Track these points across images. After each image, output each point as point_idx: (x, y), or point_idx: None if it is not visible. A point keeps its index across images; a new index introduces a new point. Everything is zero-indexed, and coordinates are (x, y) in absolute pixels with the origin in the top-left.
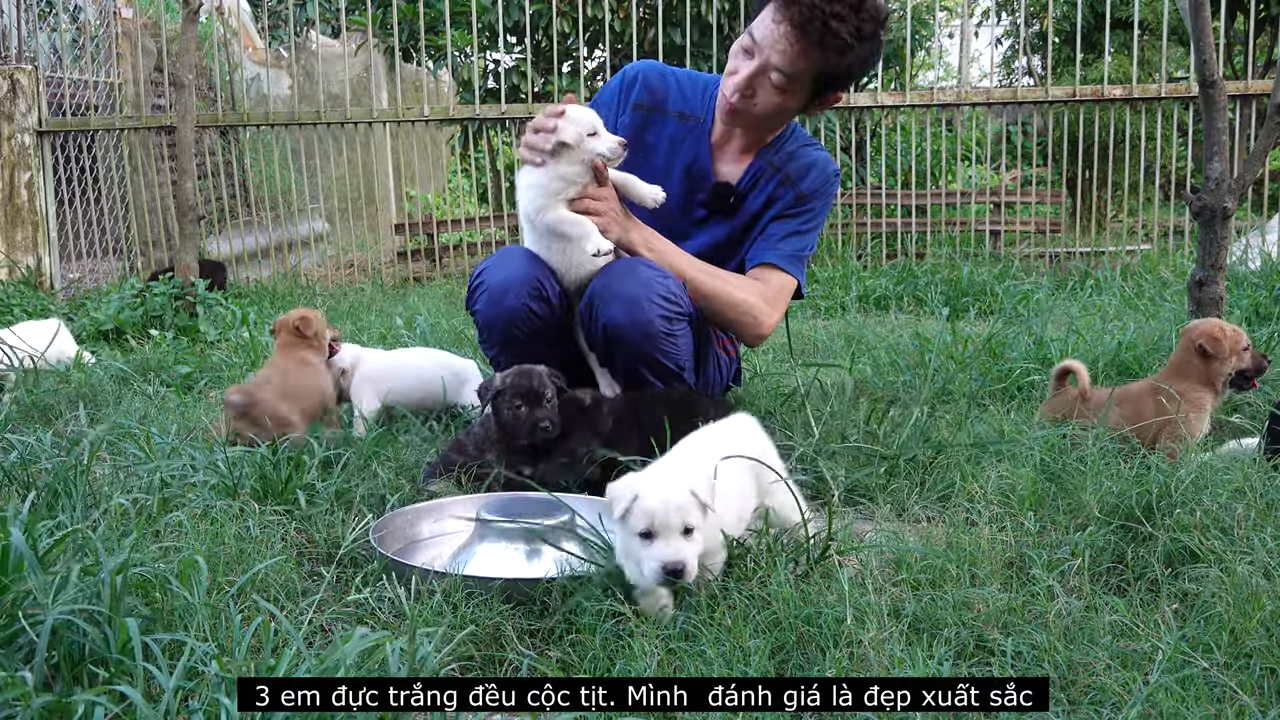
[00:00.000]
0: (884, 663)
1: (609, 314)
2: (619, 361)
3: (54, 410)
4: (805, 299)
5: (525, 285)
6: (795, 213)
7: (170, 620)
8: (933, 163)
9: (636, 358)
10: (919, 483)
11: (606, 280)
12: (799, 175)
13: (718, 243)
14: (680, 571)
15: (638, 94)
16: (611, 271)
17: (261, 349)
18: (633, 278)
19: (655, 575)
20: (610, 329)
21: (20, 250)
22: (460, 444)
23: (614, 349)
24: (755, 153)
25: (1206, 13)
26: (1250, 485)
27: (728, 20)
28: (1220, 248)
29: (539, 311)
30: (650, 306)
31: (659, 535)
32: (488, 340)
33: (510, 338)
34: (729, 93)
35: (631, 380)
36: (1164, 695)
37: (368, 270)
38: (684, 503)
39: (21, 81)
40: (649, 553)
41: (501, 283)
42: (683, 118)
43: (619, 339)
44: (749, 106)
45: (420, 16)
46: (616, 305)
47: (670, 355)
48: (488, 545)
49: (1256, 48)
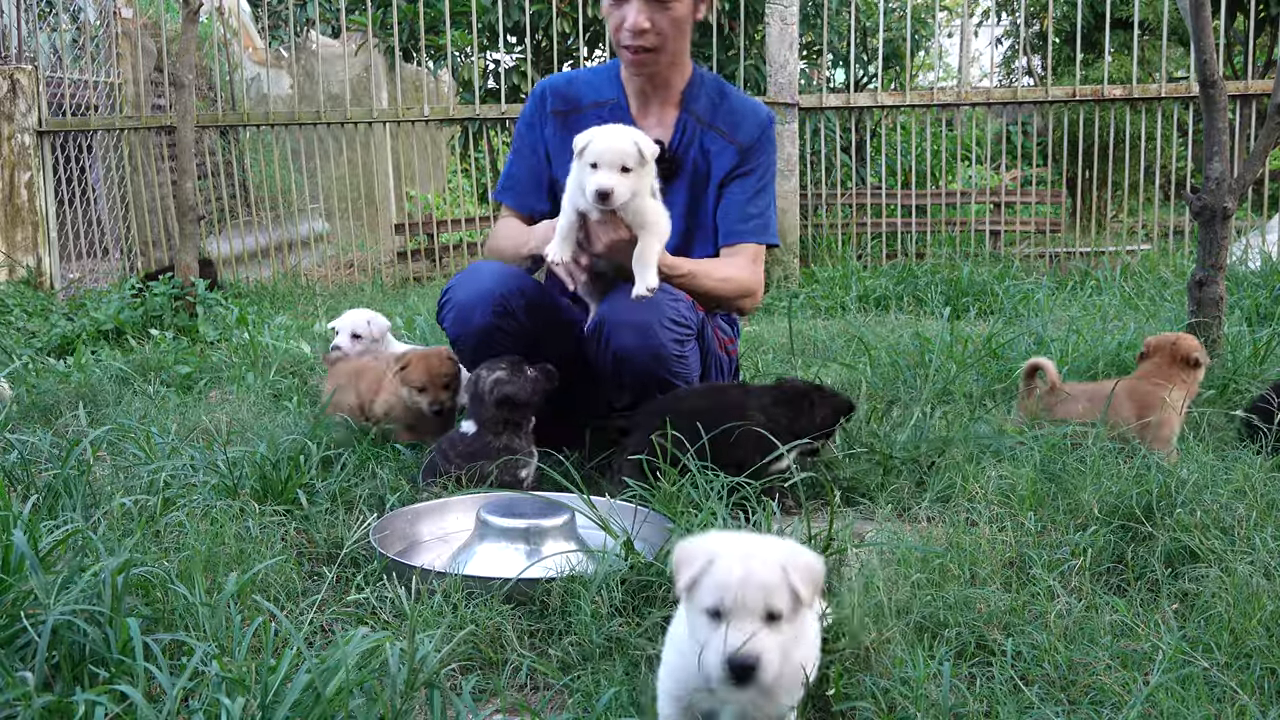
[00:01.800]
0: (885, 663)
1: (620, 341)
2: (627, 382)
3: (54, 410)
4: (805, 299)
5: (490, 303)
6: (745, 171)
7: (171, 620)
8: (933, 163)
9: (647, 380)
10: (919, 483)
11: (615, 305)
12: (731, 127)
13: (683, 215)
14: (753, 668)
15: (552, 103)
16: (620, 296)
17: (261, 349)
18: (645, 305)
19: (717, 670)
20: (621, 355)
21: (20, 250)
22: (444, 451)
23: (624, 373)
24: (676, 110)
25: (1207, 12)
26: (1251, 485)
27: (728, 20)
28: (1220, 248)
29: (505, 328)
30: (662, 332)
31: (732, 617)
32: (462, 355)
33: (482, 355)
34: (628, 42)
35: (639, 397)
36: (1164, 695)
37: (368, 270)
38: (772, 581)
39: (21, 81)
40: (714, 640)
41: (467, 301)
42: (599, 105)
43: (630, 364)
44: (654, 42)
45: (420, 16)
46: (628, 332)
47: (680, 375)
48: (488, 545)
49: (1256, 48)
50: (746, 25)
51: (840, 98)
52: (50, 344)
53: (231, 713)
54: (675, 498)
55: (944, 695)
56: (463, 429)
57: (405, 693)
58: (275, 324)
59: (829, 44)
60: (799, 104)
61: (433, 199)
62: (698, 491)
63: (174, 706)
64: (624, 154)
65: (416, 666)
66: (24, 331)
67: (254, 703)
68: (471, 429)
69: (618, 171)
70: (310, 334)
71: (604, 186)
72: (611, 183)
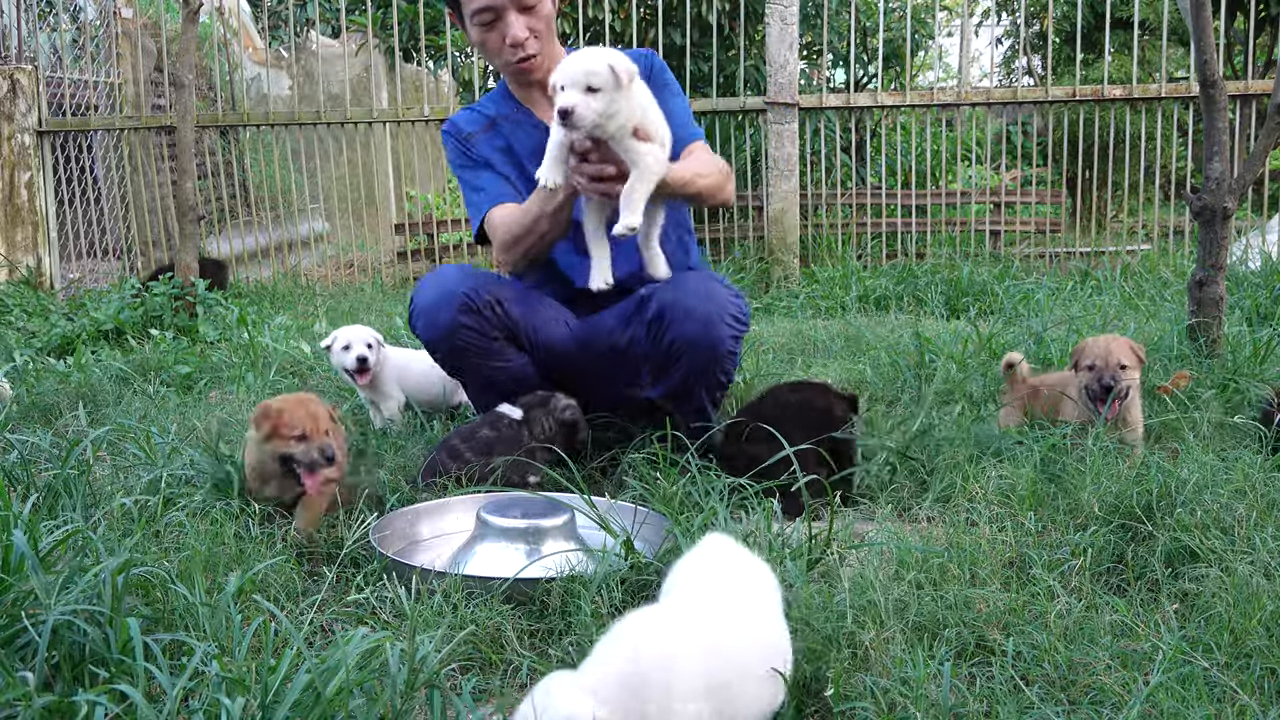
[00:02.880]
0: (885, 663)
1: (681, 330)
2: (677, 376)
3: (54, 410)
4: (805, 299)
5: (454, 302)
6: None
7: (171, 620)
8: (933, 163)
9: (698, 375)
10: (919, 483)
11: (679, 295)
12: None
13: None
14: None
15: (468, 129)
16: (685, 286)
17: (261, 349)
18: (709, 297)
19: None
20: (680, 344)
21: (20, 250)
22: (455, 449)
23: (677, 364)
24: None
25: (1207, 12)
26: (1251, 485)
27: (728, 21)
28: (1220, 248)
29: (470, 324)
30: (723, 327)
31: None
32: (438, 358)
33: (455, 353)
34: (512, 57)
35: (679, 395)
36: (1164, 695)
37: (368, 270)
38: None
39: (21, 81)
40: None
41: (433, 303)
42: (506, 118)
43: (688, 354)
44: (535, 47)
45: (420, 16)
46: (691, 323)
47: (728, 374)
48: (488, 545)
49: (1256, 48)
50: (746, 25)
51: (840, 98)
52: (50, 344)
53: (231, 713)
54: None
55: (944, 695)
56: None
57: (405, 693)
58: (275, 324)
59: (829, 44)
60: (799, 104)
61: (433, 199)
62: (695, 489)
63: (174, 706)
64: (589, 72)
65: (416, 666)
66: (24, 331)
67: (254, 703)
68: (513, 413)
69: (582, 91)
70: (310, 334)
71: (564, 105)
72: (572, 101)
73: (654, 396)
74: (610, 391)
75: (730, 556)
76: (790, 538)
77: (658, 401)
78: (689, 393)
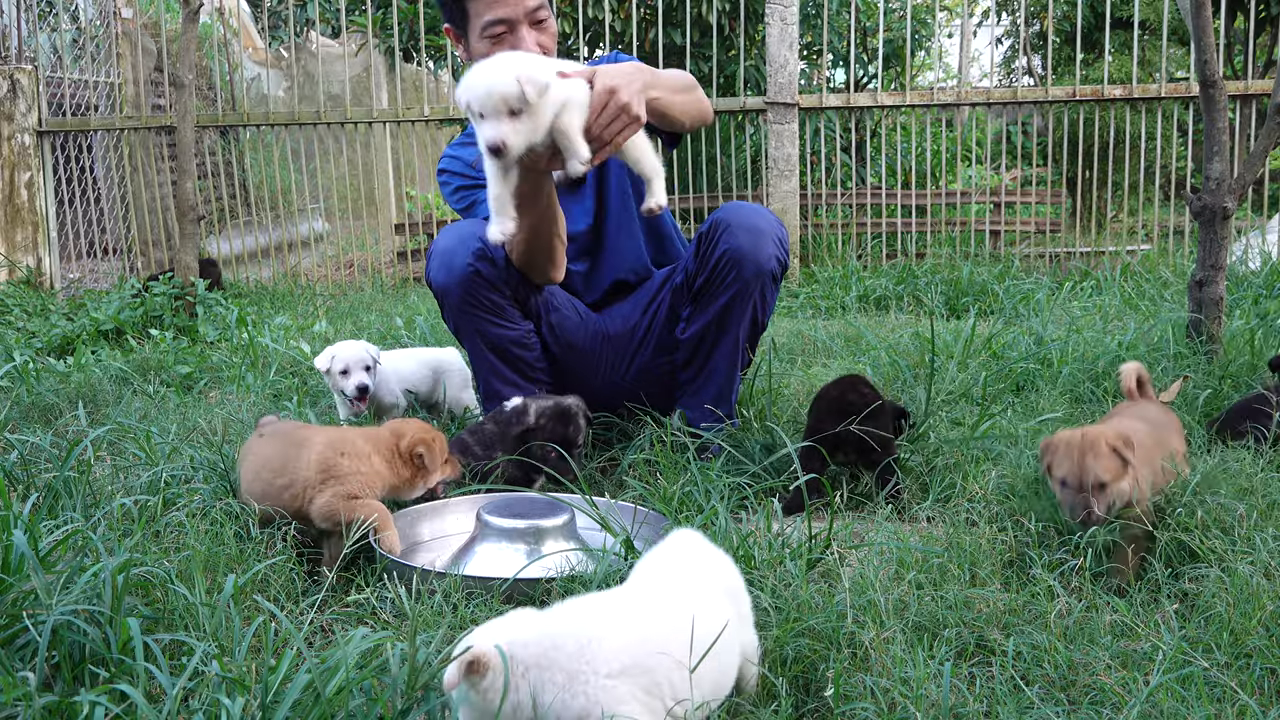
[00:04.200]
0: (885, 663)
1: (734, 240)
2: (722, 298)
3: (54, 410)
4: (805, 299)
5: (471, 247)
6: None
7: (171, 620)
8: (933, 163)
9: (740, 293)
10: (920, 483)
11: (729, 211)
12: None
13: (619, 195)
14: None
15: (474, 155)
16: (737, 206)
17: (261, 349)
18: (759, 214)
19: None
20: (731, 254)
21: (20, 250)
22: (464, 443)
23: (724, 277)
24: None
25: (1208, 12)
26: (1251, 485)
27: (728, 21)
28: (1220, 248)
29: (484, 272)
30: (771, 245)
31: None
32: (446, 309)
33: (463, 302)
34: None
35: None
36: (1164, 695)
37: (368, 270)
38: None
39: (21, 81)
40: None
41: (450, 246)
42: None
43: (735, 266)
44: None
45: (420, 17)
46: (743, 234)
47: (766, 309)
48: (488, 545)
49: (1256, 48)
50: (746, 25)
51: (840, 98)
52: (50, 344)
53: (231, 713)
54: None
55: (944, 695)
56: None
57: (405, 693)
58: (275, 324)
59: (829, 44)
60: (799, 104)
61: (433, 199)
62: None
63: (174, 706)
64: (504, 97)
65: (417, 667)
66: (24, 331)
67: (254, 703)
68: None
69: (505, 118)
70: (310, 334)
71: (492, 140)
72: (500, 133)
73: (687, 337)
74: (609, 378)
75: (692, 550)
76: (790, 537)
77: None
78: (726, 325)
